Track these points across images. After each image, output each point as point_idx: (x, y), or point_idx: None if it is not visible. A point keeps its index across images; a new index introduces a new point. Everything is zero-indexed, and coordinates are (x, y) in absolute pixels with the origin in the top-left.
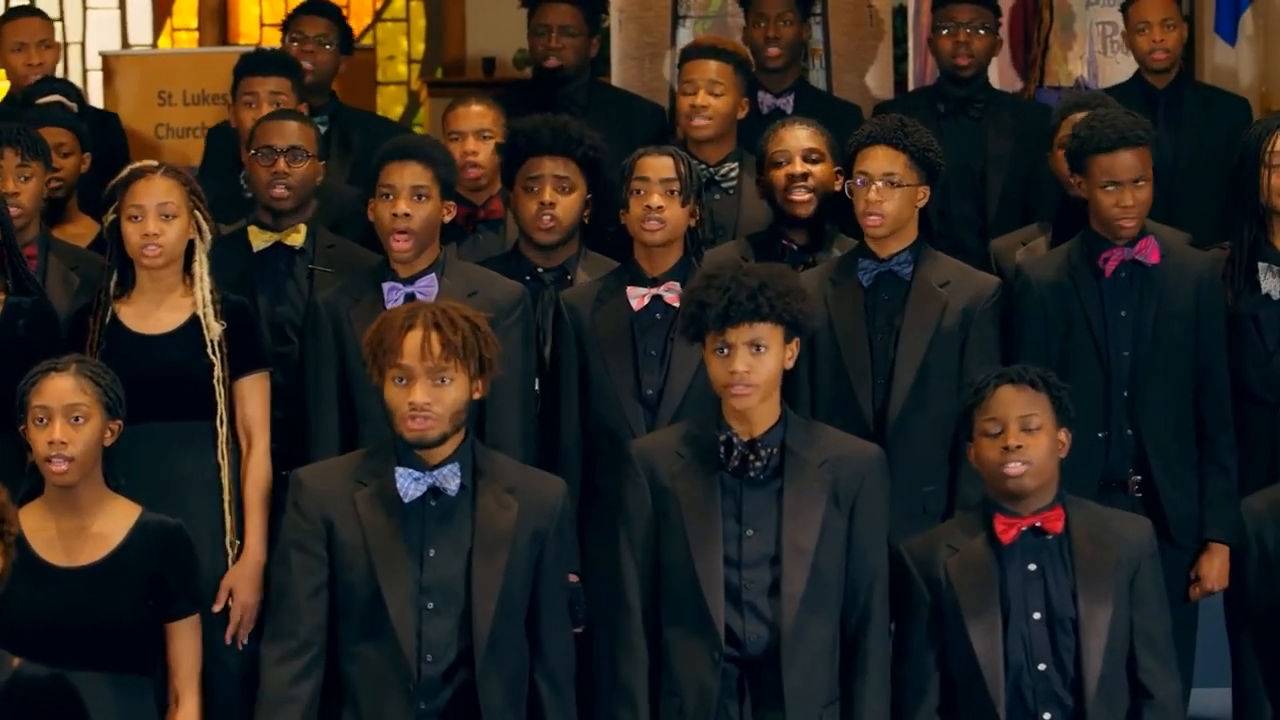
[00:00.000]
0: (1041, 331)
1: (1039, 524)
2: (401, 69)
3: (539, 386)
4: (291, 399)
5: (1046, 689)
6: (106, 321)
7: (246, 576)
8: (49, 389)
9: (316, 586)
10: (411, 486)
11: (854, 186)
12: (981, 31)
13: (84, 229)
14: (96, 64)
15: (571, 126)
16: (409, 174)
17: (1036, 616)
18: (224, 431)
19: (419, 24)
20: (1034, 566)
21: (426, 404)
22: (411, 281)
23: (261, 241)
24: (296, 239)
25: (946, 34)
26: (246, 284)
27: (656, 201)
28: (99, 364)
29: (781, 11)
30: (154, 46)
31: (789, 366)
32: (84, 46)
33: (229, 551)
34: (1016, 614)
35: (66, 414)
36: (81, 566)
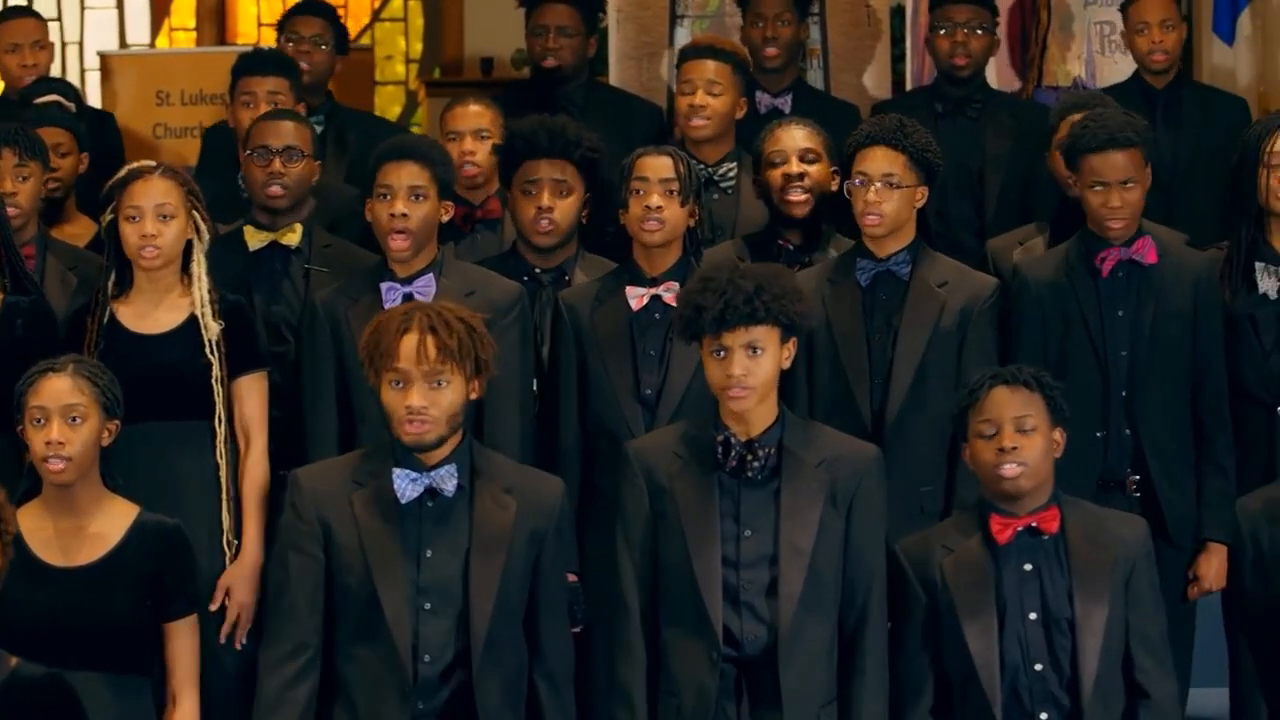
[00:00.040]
0: (1039, 331)
1: (1034, 524)
2: (399, 69)
3: (537, 387)
4: (287, 398)
5: (1043, 689)
6: (104, 321)
7: (244, 576)
8: (46, 389)
9: (313, 588)
10: (408, 487)
11: (853, 187)
12: (979, 31)
13: (82, 229)
14: (94, 64)
15: (569, 128)
16: (406, 174)
17: (1033, 617)
18: (222, 431)
19: (417, 24)
20: (1030, 567)
21: (423, 407)
22: (409, 281)
23: (257, 241)
24: (292, 239)
25: (944, 34)
26: (242, 284)
27: (656, 201)
28: (96, 364)
29: (779, 11)
30: (152, 46)
31: (786, 367)
32: (82, 46)
33: (227, 551)
34: (1013, 614)
35: (64, 414)
36: (79, 566)
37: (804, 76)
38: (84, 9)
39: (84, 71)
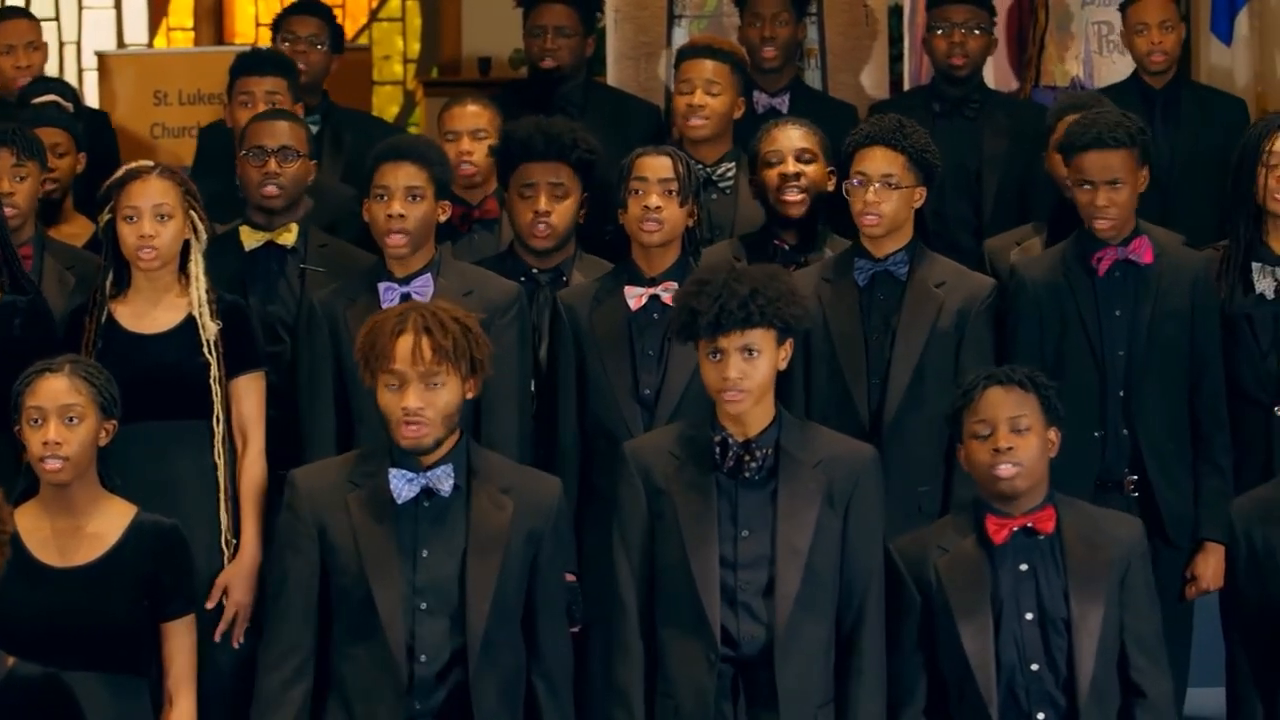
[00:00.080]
0: (1036, 331)
1: (1030, 524)
2: (397, 69)
3: (535, 387)
4: (283, 398)
5: (1040, 689)
6: (102, 321)
7: (241, 575)
8: (44, 389)
9: (310, 589)
10: (405, 488)
11: (852, 187)
12: (977, 31)
13: (79, 229)
14: (92, 63)
15: (565, 131)
16: (403, 174)
17: (1029, 617)
18: (220, 431)
19: (415, 24)
20: (1025, 567)
21: (420, 409)
22: (407, 281)
23: (253, 241)
24: (288, 238)
25: (941, 34)
26: (238, 283)
27: (655, 201)
28: (94, 364)
29: (777, 11)
30: (149, 46)
31: (783, 367)
32: (79, 46)
33: (225, 551)
34: (1009, 614)
35: (61, 414)
36: (77, 566)
37: (801, 76)
38: (81, 9)
39: (81, 71)
